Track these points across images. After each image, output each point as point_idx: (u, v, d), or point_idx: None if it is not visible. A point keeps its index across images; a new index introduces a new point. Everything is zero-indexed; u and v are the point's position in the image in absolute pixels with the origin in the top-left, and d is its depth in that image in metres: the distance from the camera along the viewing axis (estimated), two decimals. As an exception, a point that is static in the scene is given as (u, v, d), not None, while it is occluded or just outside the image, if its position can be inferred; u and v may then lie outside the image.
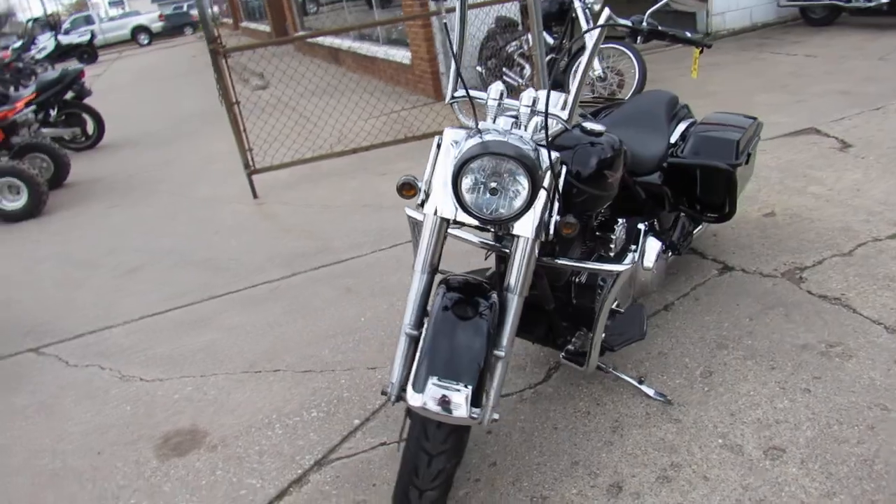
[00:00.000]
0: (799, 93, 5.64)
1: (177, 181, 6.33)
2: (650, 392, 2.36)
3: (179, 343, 3.33)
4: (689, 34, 1.98)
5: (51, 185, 6.72)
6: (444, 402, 1.64)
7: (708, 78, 6.60)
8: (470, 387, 1.66)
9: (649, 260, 2.54)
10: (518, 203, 1.80)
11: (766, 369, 2.42)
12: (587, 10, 5.85)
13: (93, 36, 24.30)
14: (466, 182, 1.81)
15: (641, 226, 2.57)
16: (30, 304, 4.07)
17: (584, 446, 2.21)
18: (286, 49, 13.96)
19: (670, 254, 2.73)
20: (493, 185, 1.81)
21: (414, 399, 1.66)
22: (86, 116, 8.61)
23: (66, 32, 24.99)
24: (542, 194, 1.89)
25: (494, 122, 1.96)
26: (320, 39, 12.37)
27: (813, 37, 7.73)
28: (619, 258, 2.46)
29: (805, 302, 2.77)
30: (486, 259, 2.19)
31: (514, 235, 1.91)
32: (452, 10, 2.06)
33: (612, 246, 2.29)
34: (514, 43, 6.61)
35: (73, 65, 9.47)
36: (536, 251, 1.95)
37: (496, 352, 1.93)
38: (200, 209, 5.37)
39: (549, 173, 1.89)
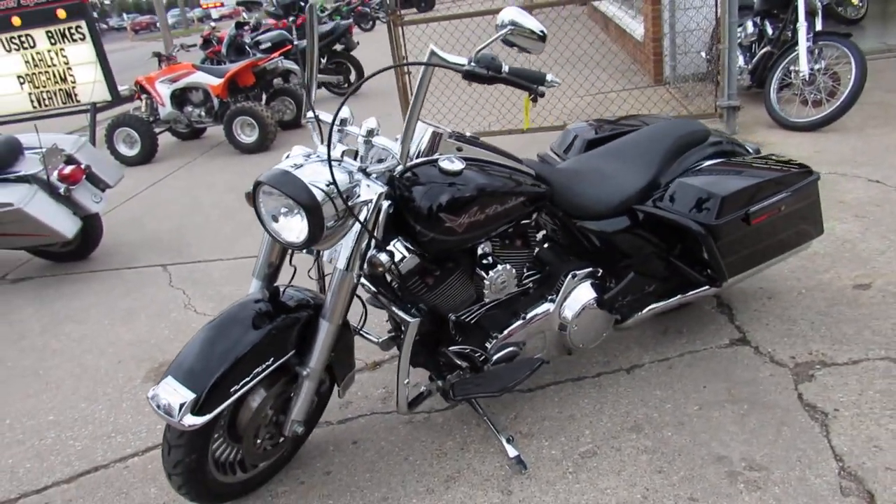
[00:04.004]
0: None
1: (371, 137, 6.91)
2: (511, 454, 2.17)
3: (246, 288, 3.82)
4: (545, 80, 1.70)
5: (292, 126, 7.87)
6: (165, 403, 1.78)
7: None
8: (195, 395, 1.77)
9: (569, 311, 2.29)
10: (298, 236, 1.82)
11: (652, 471, 2.06)
12: (812, 1, 4.92)
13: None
14: (261, 205, 1.88)
15: (573, 273, 2.31)
16: (191, 228, 4.96)
17: (408, 487, 2.15)
18: (576, 12, 13.76)
19: (610, 312, 2.38)
20: (283, 211, 1.85)
21: (149, 391, 1.83)
22: (349, 66, 9.72)
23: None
24: (356, 227, 1.87)
25: (337, 147, 1.97)
26: (597, 4, 12.02)
27: None
28: (529, 304, 2.27)
29: (782, 407, 2.23)
30: (291, 280, 2.17)
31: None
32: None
33: (486, 291, 2.11)
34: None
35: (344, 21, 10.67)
36: (354, 282, 1.94)
37: (299, 368, 2.00)
38: (365, 167, 5.85)
39: (370, 205, 1.86)
